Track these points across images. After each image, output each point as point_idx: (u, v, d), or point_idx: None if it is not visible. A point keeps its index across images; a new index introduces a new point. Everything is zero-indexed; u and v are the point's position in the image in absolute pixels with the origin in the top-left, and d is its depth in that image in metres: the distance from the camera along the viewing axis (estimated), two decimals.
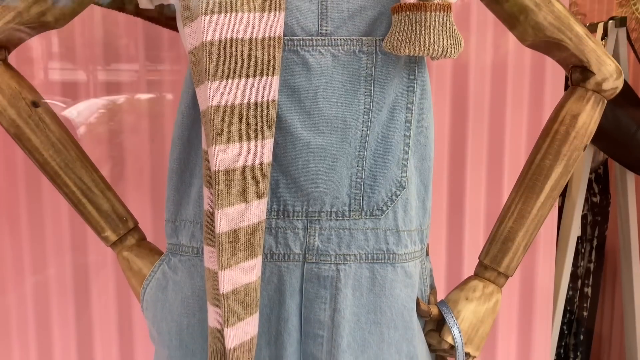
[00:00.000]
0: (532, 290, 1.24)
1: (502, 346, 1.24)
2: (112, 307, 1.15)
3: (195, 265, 0.66)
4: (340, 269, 0.65)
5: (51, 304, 1.14)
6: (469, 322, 0.71)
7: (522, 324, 1.25)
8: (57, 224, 1.13)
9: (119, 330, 1.16)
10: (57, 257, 1.13)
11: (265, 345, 0.66)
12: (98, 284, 1.14)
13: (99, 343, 1.15)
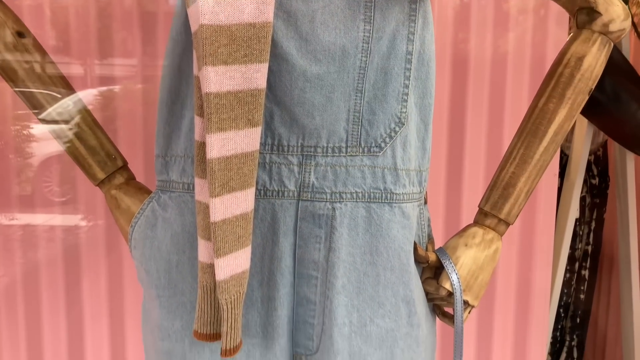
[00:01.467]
0: (530, 272, 1.22)
1: (498, 328, 1.22)
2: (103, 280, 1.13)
3: (186, 201, 0.64)
4: (335, 208, 0.63)
5: (41, 280, 1.11)
6: (468, 268, 0.69)
7: (519, 306, 1.23)
8: (47, 203, 1.10)
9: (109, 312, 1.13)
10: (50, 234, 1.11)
11: (258, 286, 0.64)
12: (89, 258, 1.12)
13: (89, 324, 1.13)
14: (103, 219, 1.12)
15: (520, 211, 0.71)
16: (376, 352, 0.65)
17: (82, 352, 1.12)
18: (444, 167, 1.16)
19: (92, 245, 1.11)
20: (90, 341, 1.12)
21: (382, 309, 0.65)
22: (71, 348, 1.12)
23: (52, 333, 1.11)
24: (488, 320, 1.22)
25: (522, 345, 1.23)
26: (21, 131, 1.13)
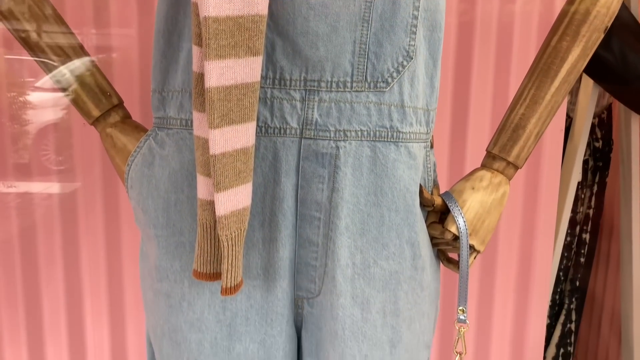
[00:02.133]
0: (532, 237, 1.21)
1: (499, 296, 1.21)
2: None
3: (184, 138, 0.62)
4: (339, 146, 0.61)
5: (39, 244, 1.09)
6: (475, 211, 0.67)
7: (521, 269, 1.21)
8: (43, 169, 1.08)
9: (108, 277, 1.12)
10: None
11: (259, 227, 0.62)
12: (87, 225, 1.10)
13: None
14: (101, 187, 1.09)
15: (529, 154, 0.69)
16: (379, 295, 0.64)
17: (80, 315, 1.12)
18: (448, 114, 1.13)
19: (90, 210, 1.09)
20: (90, 304, 1.11)
21: (386, 250, 0.63)
22: (69, 308, 1.11)
23: (50, 297, 1.10)
24: (488, 285, 1.21)
25: (524, 302, 1.22)
26: (17, 98, 1.10)
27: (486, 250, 1.19)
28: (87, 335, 1.12)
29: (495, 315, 1.20)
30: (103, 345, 1.12)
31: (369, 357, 0.65)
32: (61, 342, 1.12)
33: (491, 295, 1.20)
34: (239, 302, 0.63)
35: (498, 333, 1.21)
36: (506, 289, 1.21)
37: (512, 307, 1.21)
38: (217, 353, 0.64)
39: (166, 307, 0.64)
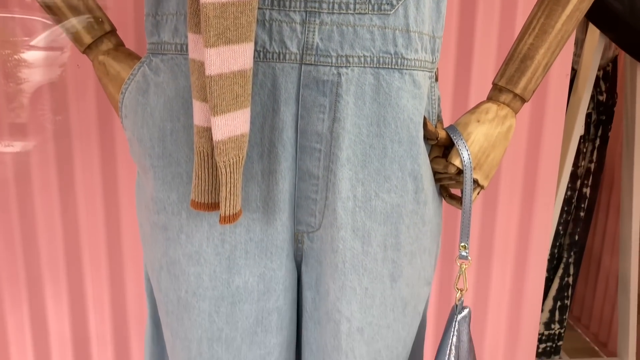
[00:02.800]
0: (534, 189, 1.19)
1: (500, 235, 1.20)
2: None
3: (179, 64, 0.59)
4: (341, 73, 0.58)
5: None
6: (480, 145, 0.65)
7: (522, 222, 1.20)
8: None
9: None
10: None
11: (258, 159, 0.60)
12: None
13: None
14: (97, 147, 1.07)
15: (537, 87, 0.67)
16: (380, 228, 0.63)
17: (78, 250, 1.11)
18: (453, 47, 1.09)
19: (87, 164, 1.07)
20: (87, 245, 1.10)
21: (388, 183, 0.62)
22: (68, 250, 1.10)
23: (47, 234, 1.09)
24: (489, 237, 1.20)
25: (525, 240, 1.21)
26: (11, 56, 1.06)
27: (488, 189, 1.17)
28: (86, 274, 1.12)
29: (495, 254, 1.19)
30: (102, 284, 1.11)
31: (369, 291, 0.64)
32: (60, 284, 1.11)
33: (492, 234, 1.18)
34: (238, 235, 0.62)
35: (498, 272, 1.20)
36: (508, 228, 1.19)
37: (513, 246, 1.20)
38: (216, 286, 0.63)
39: (164, 240, 0.63)
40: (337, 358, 0.65)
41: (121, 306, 1.13)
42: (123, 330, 1.14)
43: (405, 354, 0.69)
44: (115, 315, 1.13)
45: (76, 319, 1.13)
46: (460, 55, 1.10)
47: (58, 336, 1.13)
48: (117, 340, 1.14)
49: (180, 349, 0.66)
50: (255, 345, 0.66)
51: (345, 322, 0.64)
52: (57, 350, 1.14)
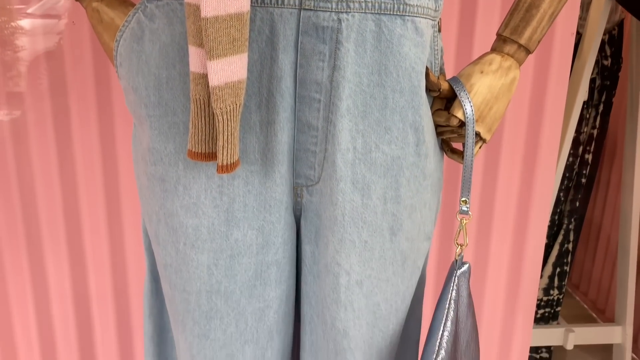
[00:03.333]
0: (536, 154, 1.17)
1: (499, 209, 1.19)
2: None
3: (175, 9, 0.58)
4: (342, 19, 0.57)
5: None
6: (483, 96, 0.64)
7: (523, 186, 1.19)
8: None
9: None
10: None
11: (256, 109, 0.59)
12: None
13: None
14: (94, 103, 1.05)
15: (542, 37, 0.65)
16: (380, 180, 0.62)
17: (77, 207, 1.10)
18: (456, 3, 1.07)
19: (84, 118, 1.05)
20: (85, 195, 1.09)
21: (388, 134, 0.61)
22: (66, 201, 1.09)
23: (45, 192, 1.08)
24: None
25: (527, 196, 1.20)
26: (8, 24, 1.04)
27: (490, 150, 1.15)
28: (85, 231, 1.11)
29: (497, 210, 1.17)
30: (101, 241, 1.11)
31: (369, 244, 0.63)
32: (59, 242, 1.11)
33: (493, 194, 1.17)
34: (236, 188, 0.61)
35: (499, 228, 1.19)
36: (509, 191, 1.17)
37: (513, 209, 1.19)
38: (215, 239, 0.62)
39: (161, 192, 0.62)
40: (336, 311, 0.65)
41: (121, 263, 1.12)
42: (123, 287, 1.14)
43: (404, 307, 0.69)
44: (115, 272, 1.13)
45: (76, 277, 1.13)
46: (464, 6, 1.07)
47: (58, 294, 1.14)
48: (117, 297, 1.15)
49: (179, 301, 0.66)
50: (254, 298, 0.66)
51: (344, 275, 0.64)
52: (58, 308, 1.15)
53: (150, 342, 0.75)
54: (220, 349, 0.67)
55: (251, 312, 0.66)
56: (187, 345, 0.68)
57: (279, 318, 0.68)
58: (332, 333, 0.66)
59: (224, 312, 0.65)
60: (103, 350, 1.17)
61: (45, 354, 1.17)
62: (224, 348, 0.67)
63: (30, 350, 1.16)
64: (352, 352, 0.66)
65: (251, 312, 0.66)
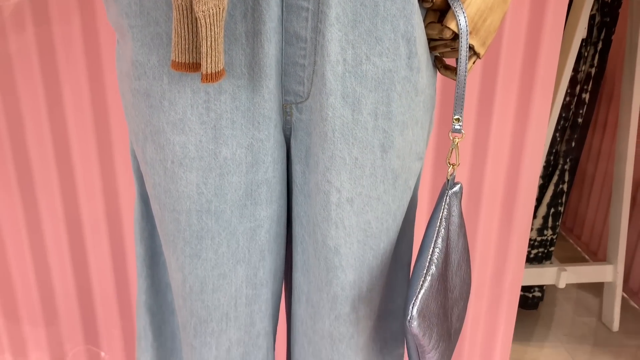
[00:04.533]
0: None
1: (498, 111, 1.18)
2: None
3: None
4: None
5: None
6: (477, 7, 0.62)
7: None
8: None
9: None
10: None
11: (241, 19, 0.57)
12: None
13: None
14: (79, 30, 1.01)
15: None
16: (371, 94, 0.60)
17: (66, 134, 1.09)
18: None
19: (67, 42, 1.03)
20: (74, 122, 1.07)
21: (379, 45, 0.59)
22: (54, 128, 1.08)
23: (33, 119, 1.07)
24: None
25: (524, 117, 1.19)
26: None
27: (486, 61, 1.13)
28: (75, 158, 1.10)
29: (492, 130, 1.15)
30: (92, 168, 1.10)
31: (359, 161, 0.62)
32: (49, 170, 1.10)
33: (490, 109, 1.15)
34: (224, 103, 0.60)
35: (495, 150, 1.17)
36: (507, 102, 1.15)
37: (509, 136, 1.17)
38: (203, 157, 0.62)
39: (147, 108, 0.61)
40: (327, 229, 0.65)
41: (112, 187, 1.11)
42: (115, 211, 1.14)
43: (396, 227, 0.69)
44: (107, 197, 1.12)
45: (68, 203, 1.12)
46: None
47: (51, 222, 1.13)
48: (109, 222, 1.14)
49: (169, 221, 0.66)
50: (245, 218, 0.65)
51: (335, 192, 0.63)
52: (51, 235, 1.14)
53: (143, 266, 0.75)
54: (212, 269, 0.67)
55: (242, 231, 0.66)
56: (178, 265, 0.68)
57: (270, 238, 0.68)
58: (324, 251, 0.66)
59: (215, 232, 0.65)
60: (97, 275, 1.17)
61: (40, 282, 1.17)
62: (215, 268, 0.67)
63: (25, 278, 1.17)
64: (343, 270, 0.67)
65: (242, 231, 0.66)
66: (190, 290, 0.69)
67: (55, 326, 1.21)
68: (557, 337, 1.96)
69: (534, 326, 2.02)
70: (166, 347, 0.79)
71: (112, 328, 1.22)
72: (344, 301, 0.68)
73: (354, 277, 0.67)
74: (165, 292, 0.78)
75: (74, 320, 1.21)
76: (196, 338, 0.71)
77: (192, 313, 0.70)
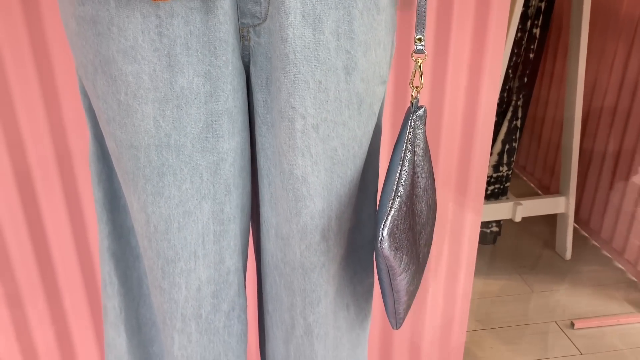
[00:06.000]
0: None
1: (456, 31, 1.16)
2: None
3: None
4: None
5: None
6: None
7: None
8: None
9: None
10: None
11: None
12: None
13: None
14: None
15: None
16: (332, 12, 0.58)
17: (5, 77, 1.02)
18: None
19: None
20: (12, 61, 1.00)
21: None
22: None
23: None
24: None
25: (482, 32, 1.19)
26: None
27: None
28: (17, 103, 1.04)
29: (451, 51, 1.14)
30: (37, 111, 1.03)
31: (323, 84, 0.61)
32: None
33: (448, 29, 1.13)
34: (177, 28, 0.56)
35: (454, 72, 1.16)
36: (464, 29, 1.13)
37: (468, 51, 1.16)
38: (158, 87, 0.58)
39: (94, 37, 0.57)
40: (294, 158, 0.64)
41: (59, 127, 1.03)
42: (66, 158, 1.07)
43: (362, 154, 0.68)
44: (55, 139, 1.04)
45: (14, 154, 1.04)
46: None
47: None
48: (61, 170, 1.07)
49: (128, 159, 0.63)
50: (207, 152, 0.63)
51: (300, 119, 0.62)
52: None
53: (103, 210, 0.72)
54: (177, 207, 0.65)
55: (205, 166, 0.64)
56: (140, 205, 0.65)
57: (235, 172, 0.66)
58: (291, 181, 0.65)
59: (176, 168, 0.63)
60: (52, 224, 1.10)
61: None
62: (180, 205, 0.65)
63: None
64: (311, 199, 0.66)
65: (205, 166, 0.64)
66: (155, 230, 0.66)
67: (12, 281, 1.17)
68: (515, 269, 2.03)
69: (493, 260, 2.09)
70: (133, 293, 0.78)
71: (73, 282, 1.18)
72: (313, 230, 0.68)
73: (322, 205, 0.67)
74: (128, 237, 0.75)
75: (32, 274, 1.17)
76: (165, 279, 0.69)
77: (159, 254, 0.68)
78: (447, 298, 1.36)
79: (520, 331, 1.73)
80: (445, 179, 1.25)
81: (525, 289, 1.93)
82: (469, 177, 1.25)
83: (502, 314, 1.81)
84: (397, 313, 0.75)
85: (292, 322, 0.75)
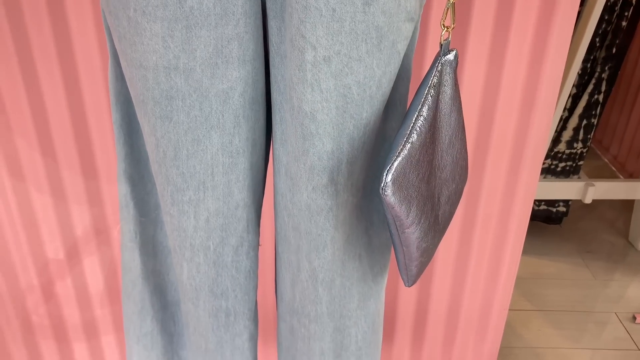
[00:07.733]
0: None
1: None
2: None
3: None
4: None
5: None
6: None
7: (540, 26, 1.04)
8: None
9: None
10: None
11: None
12: None
13: None
14: None
15: None
16: None
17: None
18: None
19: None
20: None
21: None
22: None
23: None
24: (501, 49, 1.06)
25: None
26: None
27: None
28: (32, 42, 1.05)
29: (516, 13, 1.04)
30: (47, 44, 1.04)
31: (337, 13, 0.57)
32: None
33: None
34: None
35: (515, 39, 1.07)
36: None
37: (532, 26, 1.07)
38: (167, 5, 0.57)
39: None
40: (302, 92, 0.61)
41: (67, 51, 1.02)
42: (74, 78, 1.07)
43: (380, 96, 0.64)
44: (63, 62, 1.04)
45: (25, 67, 1.04)
46: None
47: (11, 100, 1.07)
48: (67, 88, 1.05)
49: (137, 79, 0.62)
50: (216, 78, 0.61)
51: (310, 49, 0.58)
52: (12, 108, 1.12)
53: (120, 132, 0.73)
54: (185, 133, 0.64)
55: (215, 94, 0.62)
56: (150, 128, 0.65)
57: (245, 102, 0.64)
58: (300, 117, 0.62)
59: (185, 92, 0.62)
60: (61, 145, 1.08)
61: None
62: (188, 132, 0.64)
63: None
64: (320, 138, 0.63)
65: (215, 94, 0.62)
66: (164, 155, 0.66)
67: None
68: (579, 253, 1.91)
69: (555, 241, 1.97)
70: (150, 219, 0.79)
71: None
72: (321, 172, 0.65)
73: (332, 146, 0.63)
74: (146, 162, 0.76)
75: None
76: (174, 206, 0.70)
77: (168, 180, 0.68)
78: (490, 274, 1.29)
79: (575, 317, 1.63)
80: (498, 151, 1.17)
81: (587, 275, 1.81)
82: (524, 152, 1.16)
83: (556, 297, 1.71)
84: (409, 270, 0.71)
85: (298, 264, 0.73)
